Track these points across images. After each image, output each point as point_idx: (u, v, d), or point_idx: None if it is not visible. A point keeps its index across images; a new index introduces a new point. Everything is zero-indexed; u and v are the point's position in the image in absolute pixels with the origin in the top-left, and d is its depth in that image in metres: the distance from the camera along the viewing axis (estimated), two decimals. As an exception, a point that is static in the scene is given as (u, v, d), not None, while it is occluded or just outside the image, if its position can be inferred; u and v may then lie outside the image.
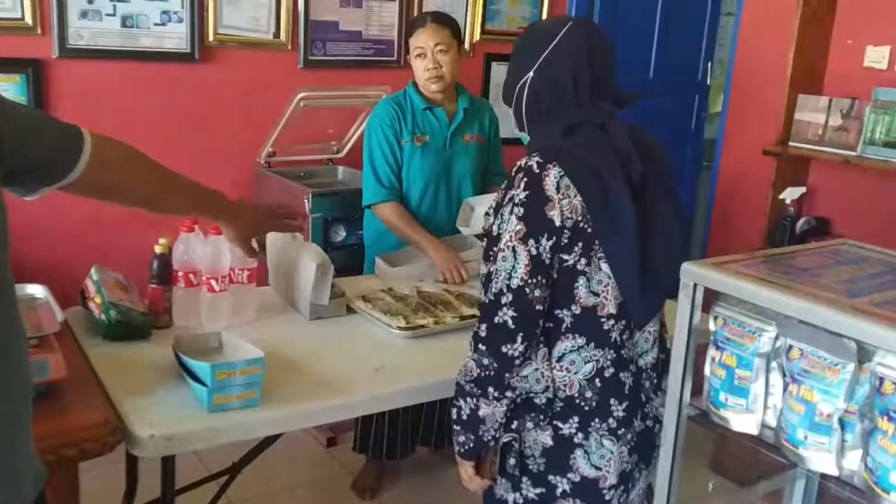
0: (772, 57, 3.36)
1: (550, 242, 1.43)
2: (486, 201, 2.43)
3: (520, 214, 1.43)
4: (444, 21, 2.61)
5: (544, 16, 4.07)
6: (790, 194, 3.22)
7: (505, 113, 1.69)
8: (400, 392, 1.85)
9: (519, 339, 1.42)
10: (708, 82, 4.72)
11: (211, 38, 3.20)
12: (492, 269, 1.47)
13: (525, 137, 1.60)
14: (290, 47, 3.39)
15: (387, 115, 2.62)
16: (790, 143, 3.23)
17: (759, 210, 3.35)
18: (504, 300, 1.42)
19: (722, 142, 3.73)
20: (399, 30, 3.65)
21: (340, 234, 3.04)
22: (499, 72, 3.92)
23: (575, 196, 1.44)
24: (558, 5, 4.11)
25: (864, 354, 1.25)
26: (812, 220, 3.26)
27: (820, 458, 1.31)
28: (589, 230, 1.45)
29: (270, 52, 3.37)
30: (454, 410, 1.51)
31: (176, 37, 3.13)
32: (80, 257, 2.93)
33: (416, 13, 3.67)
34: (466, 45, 3.86)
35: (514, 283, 1.42)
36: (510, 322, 1.42)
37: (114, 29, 3.01)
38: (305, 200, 2.96)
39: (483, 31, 3.88)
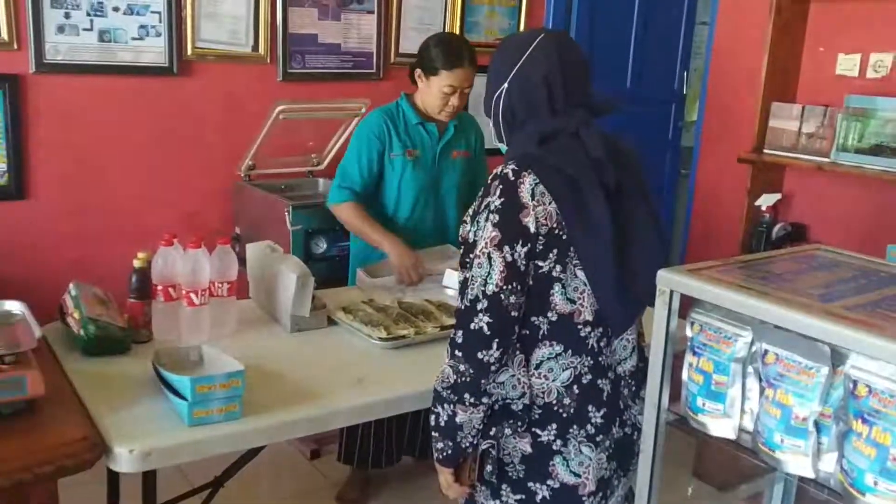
0: (745, 65, 3.40)
1: (525, 249, 1.44)
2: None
3: (495, 221, 1.45)
4: (476, 60, 2.59)
5: (522, 27, 4.10)
6: (766, 201, 3.26)
7: (486, 124, 1.71)
8: (381, 402, 1.85)
9: (494, 346, 1.43)
10: (684, 91, 4.77)
11: (189, 51, 3.20)
12: (468, 276, 1.48)
13: (504, 148, 1.62)
14: (268, 60, 3.40)
15: (377, 127, 2.62)
16: (765, 151, 3.27)
17: (735, 217, 3.38)
18: (479, 306, 1.43)
19: (698, 150, 3.76)
20: (378, 42, 3.67)
21: (321, 247, 3.04)
22: (477, 83, 3.92)
23: (550, 203, 1.45)
24: (536, 17, 4.14)
25: (837, 358, 1.27)
26: (788, 226, 3.30)
27: (796, 461, 1.33)
28: (564, 237, 1.47)
29: (249, 66, 3.37)
30: (432, 417, 1.52)
31: (154, 51, 3.13)
32: (59, 273, 2.91)
33: (394, 26, 3.70)
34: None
35: (490, 289, 1.43)
36: (486, 328, 1.43)
37: (91, 43, 3.01)
38: (286, 213, 2.96)
39: (461, 43, 3.90)
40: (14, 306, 1.91)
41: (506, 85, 1.55)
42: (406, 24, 3.74)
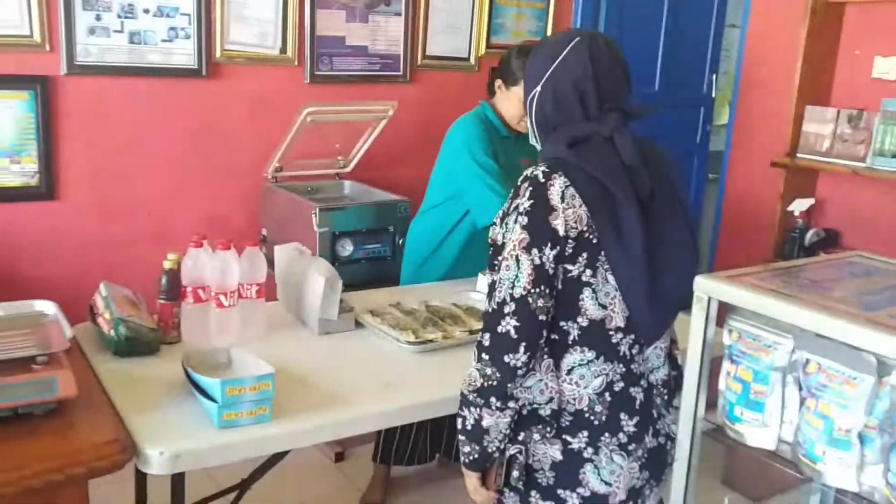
0: (778, 68, 3.35)
1: (554, 252, 1.42)
2: None
3: (524, 223, 1.43)
4: None
5: (549, 30, 4.08)
6: (799, 206, 3.21)
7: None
8: (410, 407, 1.84)
9: (521, 349, 1.41)
10: (713, 94, 4.72)
11: (218, 53, 3.21)
12: (495, 279, 1.46)
13: (540, 149, 1.60)
14: (296, 62, 3.40)
15: (482, 133, 2.54)
16: (798, 155, 3.22)
17: (767, 222, 3.33)
18: (507, 309, 1.41)
19: (728, 154, 3.71)
20: (405, 44, 3.66)
21: (348, 249, 3.03)
22: (504, 85, 3.91)
23: (580, 206, 1.43)
24: (563, 19, 4.11)
25: (883, 368, 1.24)
26: (821, 231, 3.24)
27: (839, 473, 1.30)
28: (594, 241, 1.44)
29: (277, 68, 3.37)
30: (459, 420, 1.50)
31: (183, 53, 3.14)
32: (87, 273, 2.94)
33: (421, 29, 3.69)
34: (472, 60, 3.87)
35: (517, 292, 1.41)
36: (513, 332, 1.41)
37: (121, 45, 3.02)
38: (313, 215, 2.96)
39: (488, 46, 3.88)
40: (46, 306, 1.92)
41: (538, 88, 1.54)
42: (433, 26, 3.73)
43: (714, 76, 4.67)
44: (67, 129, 3.01)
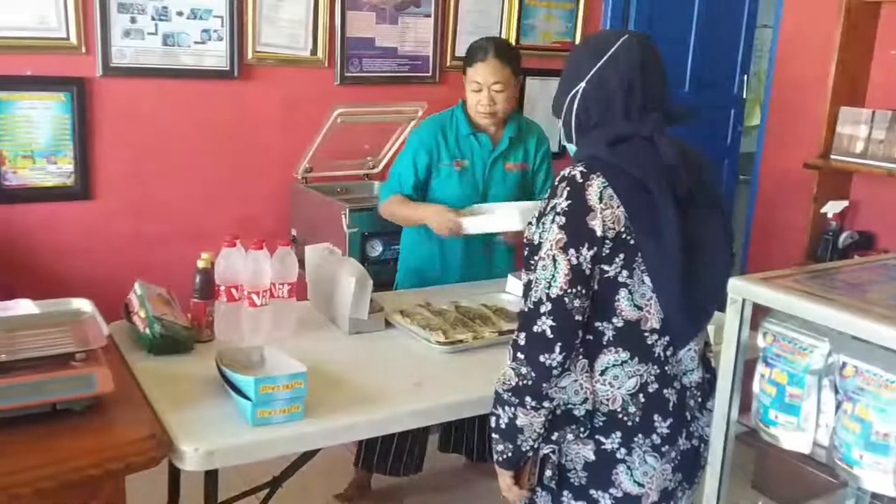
0: (812, 69, 3.32)
1: (591, 252, 1.42)
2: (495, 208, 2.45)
3: (561, 223, 1.43)
4: (508, 57, 2.48)
5: (578, 31, 4.07)
6: (832, 208, 3.17)
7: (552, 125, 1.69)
8: (440, 407, 1.85)
9: (557, 349, 1.41)
10: (744, 96, 4.68)
11: (250, 55, 3.24)
12: (532, 278, 1.46)
13: (572, 148, 1.60)
14: (326, 64, 3.42)
15: (429, 137, 2.56)
16: (832, 157, 3.18)
17: (799, 224, 3.30)
18: (543, 309, 1.41)
19: (760, 155, 3.68)
20: (434, 46, 3.67)
21: (377, 249, 3.05)
22: (533, 87, 3.91)
23: (618, 207, 1.43)
24: (592, 21, 4.10)
25: (922, 372, 1.23)
26: (855, 234, 3.20)
27: (876, 478, 1.28)
28: (631, 242, 1.44)
29: (307, 69, 3.40)
30: (492, 419, 1.50)
31: (216, 55, 3.18)
32: (121, 272, 2.97)
33: (450, 30, 3.70)
34: (501, 61, 3.86)
35: (554, 292, 1.41)
36: (549, 332, 1.41)
37: (155, 47, 3.07)
38: (343, 215, 2.98)
39: (517, 46, 3.87)
40: (83, 304, 1.95)
41: (583, 85, 1.51)
42: (462, 27, 3.74)
43: (745, 77, 4.63)
44: (102, 129, 3.05)
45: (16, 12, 2.82)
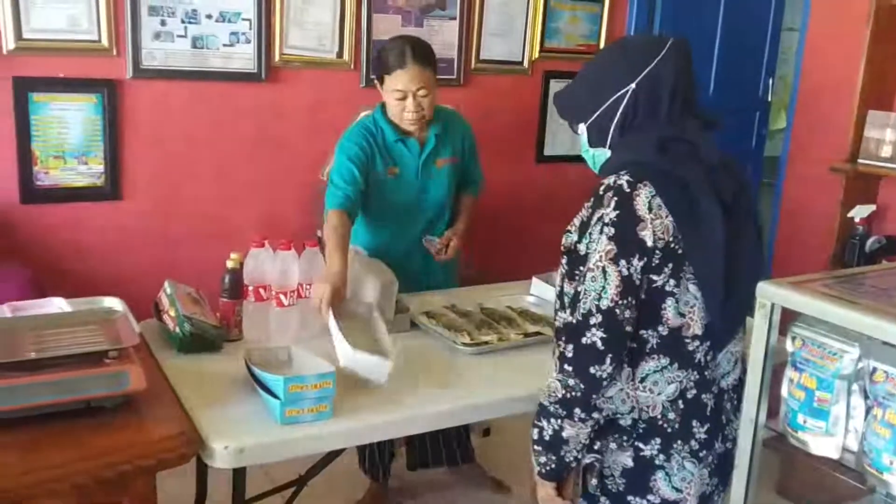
0: (839, 72, 3.29)
1: (642, 263, 1.41)
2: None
3: (610, 234, 1.41)
4: (427, 60, 2.38)
5: (603, 33, 4.06)
6: (859, 212, 3.14)
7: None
8: (467, 407, 1.86)
9: (608, 361, 1.40)
10: (769, 99, 4.65)
11: (277, 58, 3.27)
12: (579, 289, 1.45)
13: (599, 154, 1.57)
14: (352, 66, 3.44)
15: (360, 142, 2.43)
16: (859, 161, 3.15)
17: (824, 228, 3.27)
18: (593, 321, 1.40)
19: (786, 159, 3.65)
20: (459, 48, 3.68)
21: (401, 251, 3.05)
22: (557, 89, 3.90)
23: (666, 216, 1.42)
24: (618, 23, 4.09)
25: (953, 378, 1.22)
26: (882, 238, 3.17)
27: (907, 484, 1.28)
28: (679, 251, 1.43)
29: (333, 72, 3.42)
30: (535, 431, 1.50)
31: (244, 57, 3.21)
32: (149, 271, 3.02)
33: (475, 32, 3.70)
34: (525, 63, 3.87)
35: (604, 303, 1.40)
36: (599, 343, 1.40)
37: (185, 50, 3.10)
38: (367, 217, 2.98)
39: (542, 50, 3.88)
40: (113, 303, 1.99)
41: (633, 86, 1.48)
42: (487, 30, 3.75)
43: (770, 80, 4.60)
44: (132, 131, 3.10)
45: (48, 15, 2.86)
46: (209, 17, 3.12)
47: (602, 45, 4.06)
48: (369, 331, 2.02)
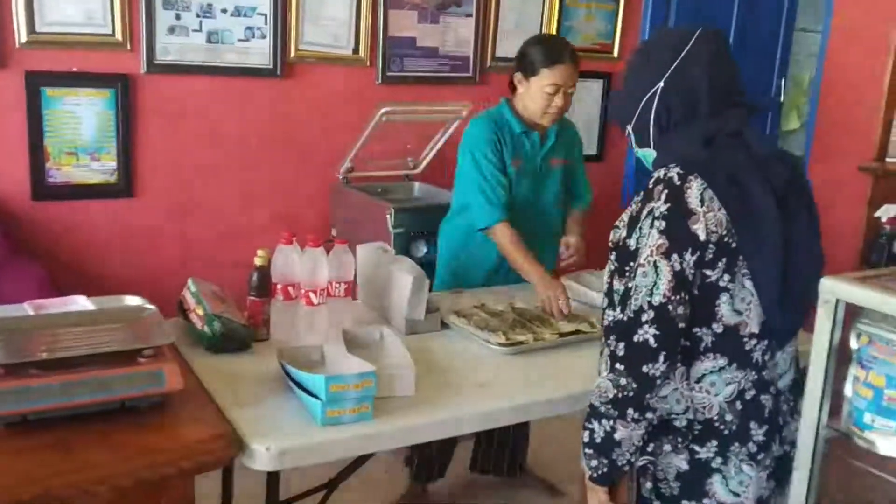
0: (864, 72, 3.26)
1: (694, 257, 1.36)
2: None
3: (661, 228, 1.37)
4: (578, 59, 2.49)
5: (619, 32, 4.03)
6: (887, 212, 3.10)
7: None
8: (509, 409, 1.80)
9: (661, 359, 1.36)
10: (781, 99, 4.62)
11: (292, 54, 3.22)
12: (629, 286, 1.40)
13: (648, 155, 1.53)
14: (368, 63, 3.40)
15: (490, 135, 2.49)
16: (888, 160, 3.12)
17: (849, 228, 3.24)
18: (645, 318, 1.36)
19: (808, 159, 3.62)
20: (475, 46, 3.64)
21: (422, 250, 3.01)
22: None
23: (719, 209, 1.37)
24: (633, 21, 4.06)
25: None
26: (910, 238, 3.13)
27: None
28: (733, 245, 1.39)
29: (349, 68, 3.38)
30: (586, 433, 1.44)
31: (259, 53, 3.15)
32: (163, 269, 2.97)
33: (491, 30, 3.66)
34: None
35: (656, 299, 1.36)
36: (652, 340, 1.35)
37: (199, 44, 3.05)
38: (388, 215, 2.94)
39: (557, 48, 3.84)
40: (135, 301, 1.92)
41: (661, 84, 1.46)
42: (503, 27, 3.71)
43: (782, 80, 4.57)
44: (145, 126, 3.04)
45: (62, 8, 2.81)
46: (224, 11, 3.07)
47: (617, 43, 4.02)
48: (381, 357, 1.89)
